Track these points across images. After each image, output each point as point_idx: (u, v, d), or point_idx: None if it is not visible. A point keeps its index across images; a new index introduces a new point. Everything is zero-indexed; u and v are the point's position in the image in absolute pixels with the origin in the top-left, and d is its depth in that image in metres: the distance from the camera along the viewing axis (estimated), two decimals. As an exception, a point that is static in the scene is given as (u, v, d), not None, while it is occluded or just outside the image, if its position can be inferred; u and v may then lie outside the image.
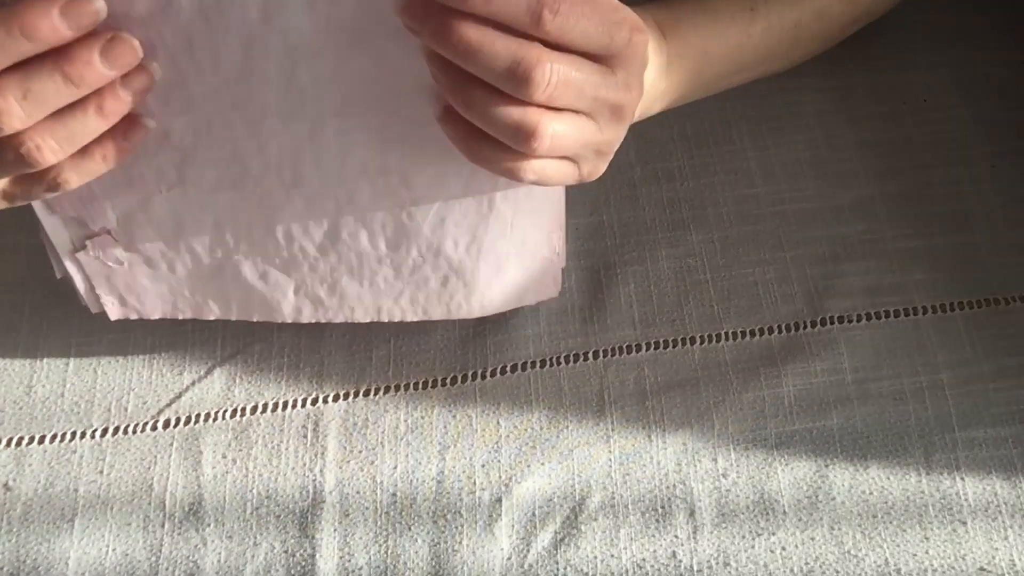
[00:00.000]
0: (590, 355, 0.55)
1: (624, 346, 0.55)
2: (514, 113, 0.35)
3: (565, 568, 0.48)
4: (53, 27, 0.32)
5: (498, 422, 0.53)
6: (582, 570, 0.48)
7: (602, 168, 0.40)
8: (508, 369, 0.54)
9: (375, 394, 0.54)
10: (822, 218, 0.58)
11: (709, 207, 0.59)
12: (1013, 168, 0.60)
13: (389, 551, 0.49)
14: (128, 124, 0.38)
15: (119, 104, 0.36)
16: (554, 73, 0.34)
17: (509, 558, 0.49)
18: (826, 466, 0.51)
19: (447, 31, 0.32)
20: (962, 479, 0.50)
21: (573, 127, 0.36)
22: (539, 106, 0.35)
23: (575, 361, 0.54)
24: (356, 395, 0.54)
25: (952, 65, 0.63)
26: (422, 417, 0.53)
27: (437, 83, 0.36)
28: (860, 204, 0.59)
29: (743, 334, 0.55)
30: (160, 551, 0.49)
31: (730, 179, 0.60)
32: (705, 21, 0.49)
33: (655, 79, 0.45)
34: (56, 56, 0.33)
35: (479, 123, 0.36)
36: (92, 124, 0.36)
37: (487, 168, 0.38)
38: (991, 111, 0.62)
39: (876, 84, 0.61)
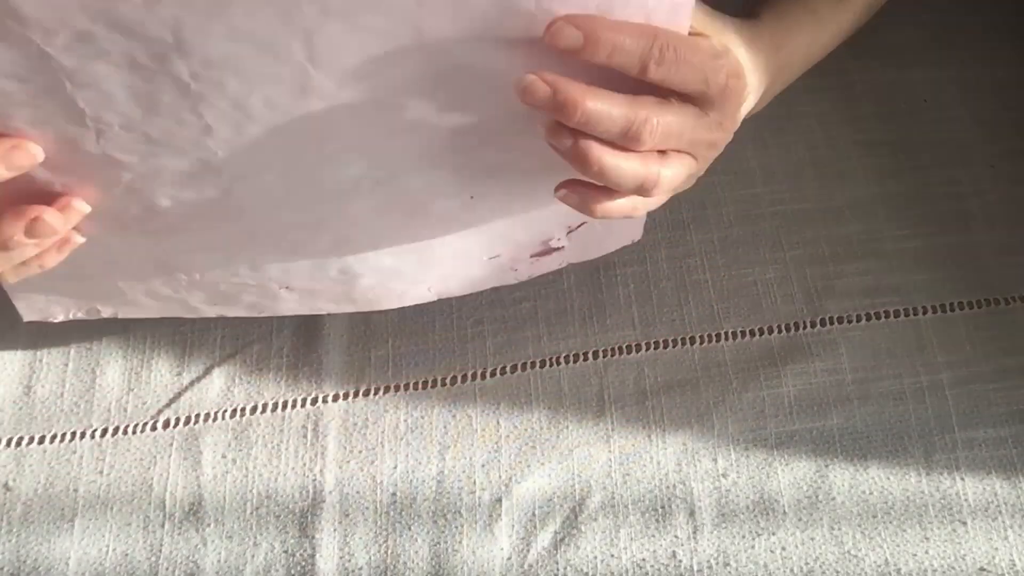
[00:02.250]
0: (590, 355, 0.55)
1: (624, 346, 0.55)
2: (635, 168, 0.39)
3: (565, 568, 0.48)
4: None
5: (498, 422, 0.53)
6: (582, 570, 0.48)
7: (707, 163, 0.44)
8: (508, 369, 0.54)
9: (375, 394, 0.54)
10: (822, 218, 0.58)
11: (709, 207, 0.59)
12: (1013, 168, 0.60)
13: (389, 551, 0.49)
14: (61, 241, 0.42)
15: (53, 235, 0.41)
16: (659, 126, 0.38)
17: (509, 558, 0.49)
18: (826, 466, 0.51)
19: (572, 105, 0.37)
20: (962, 479, 0.50)
21: (680, 167, 0.41)
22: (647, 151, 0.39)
23: (575, 361, 0.54)
24: (356, 395, 0.54)
25: (952, 65, 0.63)
26: (422, 417, 0.53)
27: (555, 149, 0.39)
28: (860, 204, 0.59)
29: (743, 334, 0.55)
30: (160, 551, 0.49)
31: (730, 179, 0.60)
32: (809, 23, 0.51)
33: (768, 73, 0.48)
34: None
35: (601, 181, 0.40)
36: (29, 251, 0.41)
37: (605, 216, 0.42)
38: (991, 111, 0.62)
39: (876, 84, 0.61)
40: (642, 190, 0.40)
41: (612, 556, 0.49)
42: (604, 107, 0.37)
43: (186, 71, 0.35)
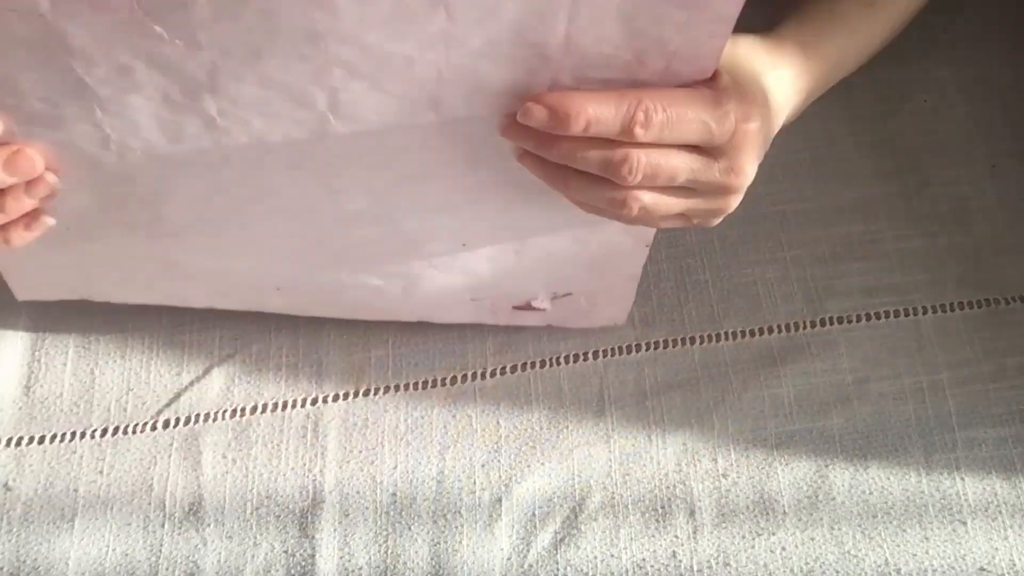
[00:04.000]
0: (590, 355, 0.55)
1: (624, 346, 0.55)
2: (607, 193, 0.40)
3: (565, 568, 0.48)
4: None
5: (498, 422, 0.52)
6: (582, 570, 0.48)
7: (715, 221, 0.44)
8: (508, 369, 0.54)
9: (375, 394, 0.54)
10: (822, 218, 0.58)
11: (709, 207, 0.59)
12: (1013, 168, 0.60)
13: (389, 551, 0.49)
14: (31, 218, 0.42)
15: (18, 205, 0.41)
16: (640, 164, 0.38)
17: (509, 558, 0.49)
18: (826, 466, 0.51)
19: (547, 146, 0.38)
20: (962, 479, 0.50)
21: (667, 198, 0.40)
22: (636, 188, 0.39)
23: (575, 361, 0.54)
24: (356, 395, 0.54)
25: (952, 65, 0.63)
26: (422, 417, 0.53)
27: (534, 173, 0.41)
28: (860, 204, 0.59)
29: (743, 334, 0.55)
30: (160, 551, 0.49)
31: (730, 179, 0.60)
32: (835, 28, 0.50)
33: (797, 87, 0.47)
34: None
35: (577, 200, 0.41)
36: None
37: (585, 207, 0.42)
38: (991, 111, 0.62)
39: (876, 84, 0.61)
40: (617, 213, 0.41)
41: (612, 556, 0.49)
42: (581, 147, 0.38)
43: (215, 108, 0.37)
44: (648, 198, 0.40)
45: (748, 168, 0.40)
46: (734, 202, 0.42)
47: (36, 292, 0.52)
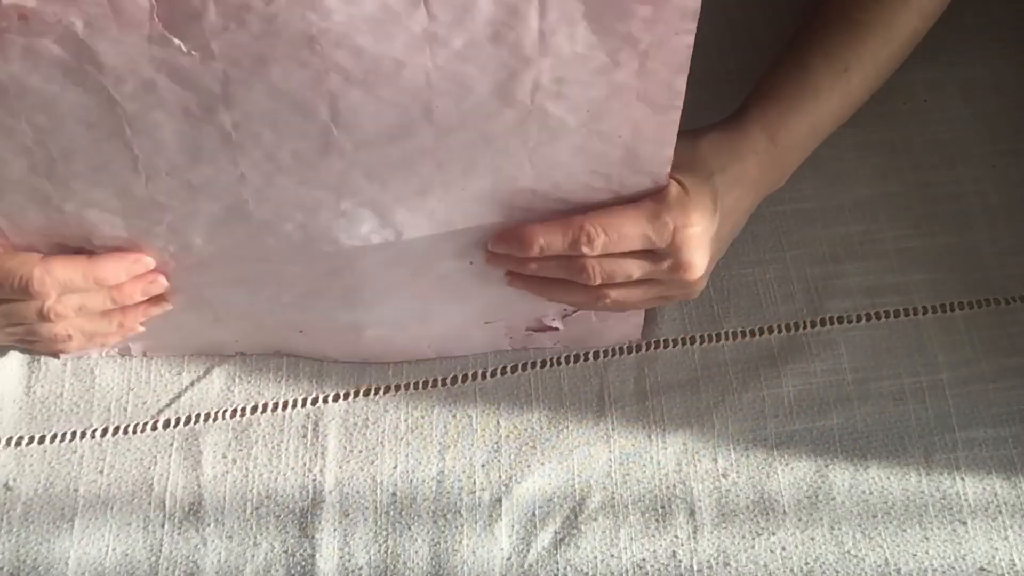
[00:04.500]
0: (590, 355, 0.55)
1: (624, 346, 0.55)
2: (580, 293, 0.48)
3: (565, 568, 0.48)
4: (117, 277, 0.46)
5: (498, 422, 0.53)
6: (582, 570, 0.48)
7: (692, 296, 0.50)
8: (508, 369, 0.54)
9: (375, 394, 0.54)
10: (822, 218, 0.58)
11: (709, 207, 0.59)
12: (1013, 168, 0.60)
13: (389, 551, 0.49)
14: (125, 328, 0.50)
15: (135, 323, 0.50)
16: (596, 271, 0.45)
17: (509, 558, 0.49)
18: (826, 466, 0.51)
19: (522, 265, 0.47)
20: (962, 479, 0.50)
21: (633, 290, 0.48)
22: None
23: (575, 361, 0.54)
24: (356, 395, 0.54)
25: (952, 65, 0.63)
26: (422, 417, 0.53)
27: (522, 288, 0.49)
28: (860, 204, 0.59)
29: (743, 334, 0.55)
30: (160, 551, 0.49)
31: (730, 179, 0.60)
32: (806, 101, 0.51)
33: (763, 174, 0.51)
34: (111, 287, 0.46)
35: (559, 300, 0.50)
36: (109, 330, 0.49)
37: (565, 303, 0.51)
38: (991, 111, 0.62)
39: (876, 84, 0.61)
40: (596, 306, 0.49)
41: (612, 556, 0.49)
42: (547, 265, 0.46)
43: (229, 121, 0.39)
44: (615, 293, 0.47)
45: (696, 262, 0.46)
46: (696, 288, 0.48)
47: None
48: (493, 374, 0.54)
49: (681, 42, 0.37)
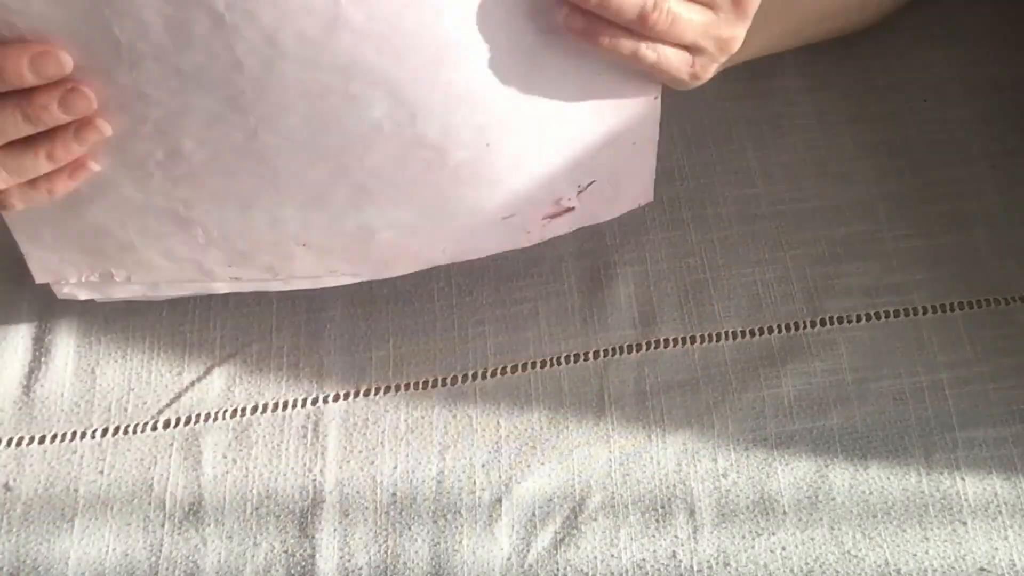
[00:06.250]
0: (590, 355, 0.55)
1: (624, 346, 0.55)
2: (630, 42, 0.43)
3: (565, 568, 0.48)
4: (20, 74, 0.37)
5: (498, 422, 0.53)
6: (582, 570, 0.48)
7: (711, 71, 0.47)
8: (508, 369, 0.54)
9: (375, 394, 0.54)
10: (822, 218, 0.58)
11: (709, 207, 0.59)
12: (1013, 168, 0.60)
13: (389, 551, 0.49)
14: (75, 165, 0.42)
15: (67, 153, 0.40)
16: (668, 13, 0.42)
17: (509, 558, 0.49)
18: (826, 466, 0.51)
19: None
20: (962, 479, 0.50)
21: (693, 17, 0.43)
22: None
23: (575, 361, 0.54)
24: (356, 395, 0.54)
25: (953, 64, 0.63)
26: (422, 417, 0.53)
27: (570, 31, 0.42)
28: (860, 204, 0.59)
29: (743, 334, 0.55)
30: (160, 551, 0.49)
31: (730, 179, 0.60)
32: None
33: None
34: (19, 96, 0.37)
35: (605, 49, 0.43)
36: (41, 165, 0.40)
37: (609, 55, 0.44)
38: (992, 111, 0.62)
39: (876, 84, 0.61)
40: (643, 23, 0.43)
41: (612, 556, 0.49)
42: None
43: (222, 2, 0.35)
44: (662, 44, 0.44)
45: (744, 18, 0.44)
46: (734, 45, 0.45)
47: (54, 271, 0.49)
48: (493, 374, 0.54)
49: None
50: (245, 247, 0.48)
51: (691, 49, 0.45)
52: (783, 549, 0.49)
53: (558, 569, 0.48)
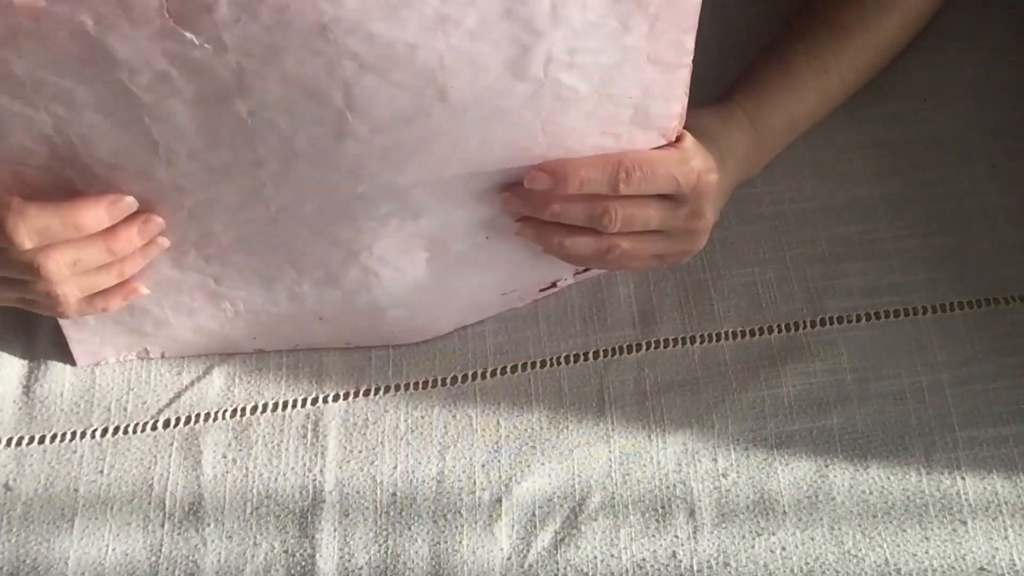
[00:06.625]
0: (590, 355, 0.55)
1: (624, 346, 0.55)
2: (592, 242, 0.48)
3: (565, 568, 0.48)
4: (101, 222, 0.43)
5: (498, 422, 0.53)
6: (582, 570, 0.48)
7: (685, 259, 0.52)
8: (508, 369, 0.54)
9: (375, 394, 0.54)
10: (822, 218, 0.58)
11: (709, 207, 0.59)
12: (1013, 168, 0.60)
13: (389, 551, 0.49)
14: (128, 290, 0.48)
15: (134, 269, 0.46)
16: (619, 214, 0.46)
17: (509, 558, 0.49)
18: (826, 466, 0.51)
19: (543, 206, 0.46)
20: (962, 479, 0.50)
21: (643, 242, 0.48)
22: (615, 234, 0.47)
23: (575, 361, 0.54)
24: (356, 395, 0.54)
25: (953, 65, 0.63)
26: (422, 417, 0.53)
27: (529, 237, 0.49)
28: (860, 204, 0.59)
29: (743, 334, 0.55)
30: (160, 551, 0.49)
31: (730, 179, 0.60)
32: (786, 95, 0.55)
33: (747, 153, 0.53)
34: (104, 234, 0.43)
35: (567, 254, 0.49)
36: (108, 282, 0.46)
37: (565, 252, 0.49)
38: (991, 111, 0.62)
39: (876, 84, 0.61)
40: (602, 259, 0.48)
41: (612, 556, 0.49)
42: (570, 207, 0.46)
43: (244, 109, 0.39)
44: (626, 243, 0.48)
45: (708, 213, 0.48)
46: (700, 242, 0.50)
47: (95, 353, 0.54)
48: (493, 374, 0.54)
49: (690, 1, 0.38)
50: (268, 320, 0.52)
51: (660, 257, 0.50)
52: (783, 549, 0.49)
53: (558, 569, 0.48)
